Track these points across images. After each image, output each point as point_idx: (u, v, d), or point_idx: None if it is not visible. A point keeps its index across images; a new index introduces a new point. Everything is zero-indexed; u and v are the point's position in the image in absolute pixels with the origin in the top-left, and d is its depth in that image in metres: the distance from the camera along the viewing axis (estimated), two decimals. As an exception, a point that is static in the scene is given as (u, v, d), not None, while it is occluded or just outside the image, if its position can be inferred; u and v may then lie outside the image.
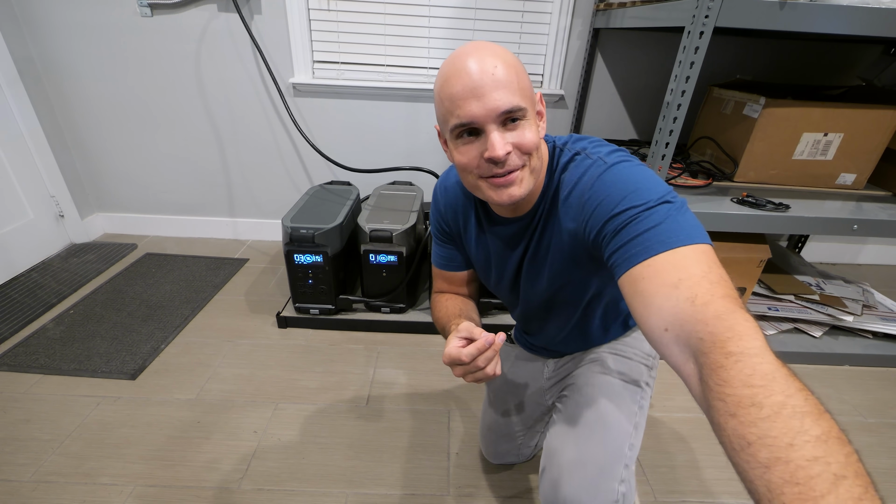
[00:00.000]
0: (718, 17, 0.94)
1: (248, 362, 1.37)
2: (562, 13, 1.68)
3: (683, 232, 0.47)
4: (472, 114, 0.53)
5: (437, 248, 0.84)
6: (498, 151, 0.53)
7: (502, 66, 0.53)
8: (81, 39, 1.70)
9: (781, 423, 0.30)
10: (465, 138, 0.56)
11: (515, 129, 0.55)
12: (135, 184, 2.00)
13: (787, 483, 0.28)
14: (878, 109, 1.27)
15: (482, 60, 0.53)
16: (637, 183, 0.53)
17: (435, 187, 0.81)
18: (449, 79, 0.54)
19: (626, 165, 0.56)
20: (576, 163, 0.61)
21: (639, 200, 0.50)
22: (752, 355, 0.35)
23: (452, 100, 0.54)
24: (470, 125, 0.54)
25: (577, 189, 0.59)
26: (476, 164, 0.57)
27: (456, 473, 1.06)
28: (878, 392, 1.36)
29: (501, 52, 0.54)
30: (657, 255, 0.46)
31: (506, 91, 0.52)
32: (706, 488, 1.05)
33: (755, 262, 1.32)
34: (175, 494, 0.98)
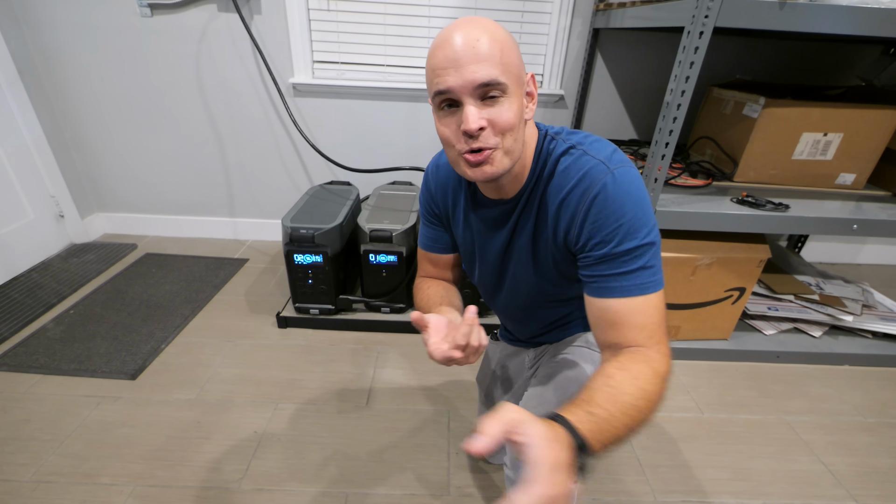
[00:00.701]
0: (718, 17, 0.94)
1: (248, 362, 1.37)
2: (562, 13, 1.68)
3: (656, 277, 0.57)
4: (449, 84, 0.53)
5: (424, 228, 0.83)
6: (470, 125, 0.53)
7: (487, 38, 0.52)
8: (82, 39, 1.70)
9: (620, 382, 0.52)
10: (446, 110, 0.56)
11: (493, 104, 0.54)
12: (135, 184, 2.00)
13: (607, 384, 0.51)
14: (877, 109, 1.27)
15: (467, 33, 0.53)
16: (634, 209, 0.55)
17: (427, 166, 0.80)
18: (434, 49, 0.55)
19: (626, 178, 0.56)
20: (573, 157, 0.60)
21: (631, 239, 0.55)
22: (644, 368, 0.54)
23: (434, 69, 0.54)
24: (447, 95, 0.54)
25: (576, 192, 0.58)
26: (454, 137, 0.56)
27: (456, 473, 1.06)
28: (877, 392, 1.36)
29: (490, 27, 0.54)
30: (633, 298, 0.56)
31: (486, 64, 0.52)
32: (706, 488, 1.05)
33: (755, 261, 1.32)
34: (175, 494, 0.98)
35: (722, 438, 1.19)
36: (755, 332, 1.52)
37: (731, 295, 1.38)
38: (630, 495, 1.03)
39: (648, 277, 0.56)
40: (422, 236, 0.83)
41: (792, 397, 1.33)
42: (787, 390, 1.36)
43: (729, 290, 1.37)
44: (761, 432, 1.21)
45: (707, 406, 1.29)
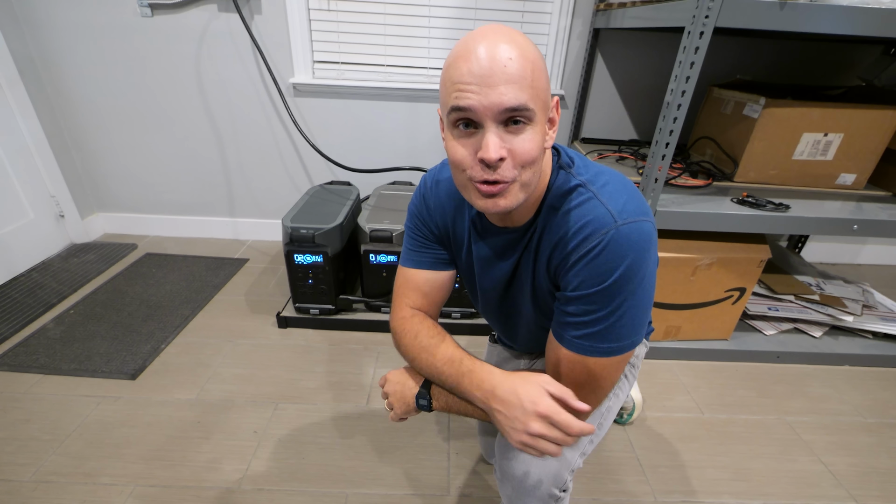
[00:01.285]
0: (718, 17, 0.94)
1: (248, 362, 1.37)
2: (562, 13, 1.68)
3: (623, 336, 0.55)
4: (471, 103, 0.47)
5: (413, 247, 0.73)
6: (490, 153, 0.48)
7: (518, 57, 0.46)
8: (82, 39, 1.70)
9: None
10: (462, 130, 0.50)
11: (517, 132, 0.49)
12: (135, 184, 2.00)
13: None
14: (878, 109, 1.27)
15: (496, 47, 0.46)
16: (626, 268, 0.51)
17: (424, 179, 0.72)
18: (456, 59, 0.48)
19: (629, 237, 0.51)
20: (581, 199, 0.55)
21: (610, 300, 0.53)
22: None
23: (454, 83, 0.48)
24: (467, 115, 0.48)
25: (575, 238, 0.54)
26: (469, 162, 0.51)
27: (456, 473, 1.06)
28: (878, 392, 1.36)
29: (522, 42, 0.48)
30: (591, 358, 0.56)
31: (515, 87, 0.46)
32: (706, 488, 1.05)
33: (755, 262, 1.32)
34: (175, 494, 0.98)
35: (722, 438, 1.19)
36: (755, 332, 1.52)
37: (731, 295, 1.38)
38: (630, 495, 1.03)
39: (616, 337, 0.54)
40: (411, 257, 0.73)
41: (792, 397, 1.33)
42: (787, 390, 1.36)
43: (729, 290, 1.37)
44: (761, 432, 1.21)
45: (707, 406, 1.29)
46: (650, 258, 0.53)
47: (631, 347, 0.56)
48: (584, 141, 1.87)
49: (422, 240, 0.72)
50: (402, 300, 0.73)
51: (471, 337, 1.53)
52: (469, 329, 1.54)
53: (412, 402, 0.68)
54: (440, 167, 0.72)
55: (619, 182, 0.56)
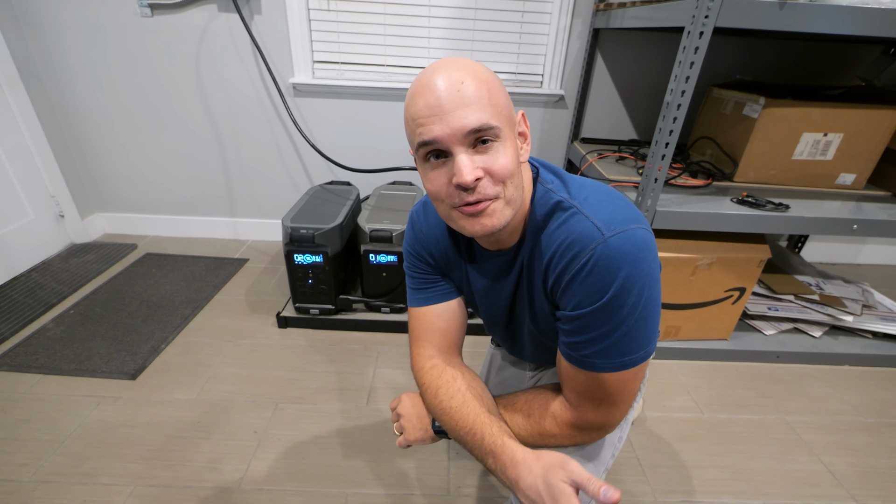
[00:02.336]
0: (718, 17, 0.94)
1: (248, 362, 1.37)
2: (562, 13, 1.68)
3: (634, 349, 0.52)
4: (435, 133, 0.47)
5: (420, 287, 0.70)
6: (465, 177, 0.47)
7: (471, 80, 0.47)
8: (82, 39, 1.70)
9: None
10: (433, 162, 0.50)
11: (487, 151, 0.49)
12: (135, 184, 2.00)
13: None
14: (877, 109, 1.27)
15: (448, 75, 0.47)
16: (623, 281, 0.49)
17: (411, 215, 0.71)
18: (413, 97, 0.49)
19: (619, 247, 0.49)
20: (566, 215, 0.53)
21: (613, 315, 0.50)
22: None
23: (415, 119, 0.49)
24: (433, 146, 0.49)
25: (564, 258, 0.52)
26: (446, 191, 0.50)
27: (456, 473, 1.06)
28: (877, 392, 1.36)
29: (472, 67, 0.49)
30: (604, 374, 0.54)
31: (474, 108, 0.47)
32: (706, 488, 1.05)
33: (755, 262, 1.32)
34: (175, 494, 0.98)
35: (722, 438, 1.19)
36: (755, 332, 1.52)
37: (731, 295, 1.38)
38: (630, 495, 1.03)
39: (620, 352, 0.52)
40: (418, 296, 0.70)
41: (792, 397, 1.33)
42: (787, 390, 1.36)
43: (729, 290, 1.37)
44: (761, 432, 1.21)
45: (707, 406, 1.29)
46: (648, 265, 0.50)
47: (645, 358, 0.54)
48: (583, 141, 1.87)
49: (424, 276, 0.70)
50: (420, 344, 0.70)
51: (471, 337, 1.53)
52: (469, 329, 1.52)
53: (429, 427, 0.67)
54: (424, 200, 0.71)
55: (601, 193, 0.54)
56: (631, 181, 1.35)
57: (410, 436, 0.68)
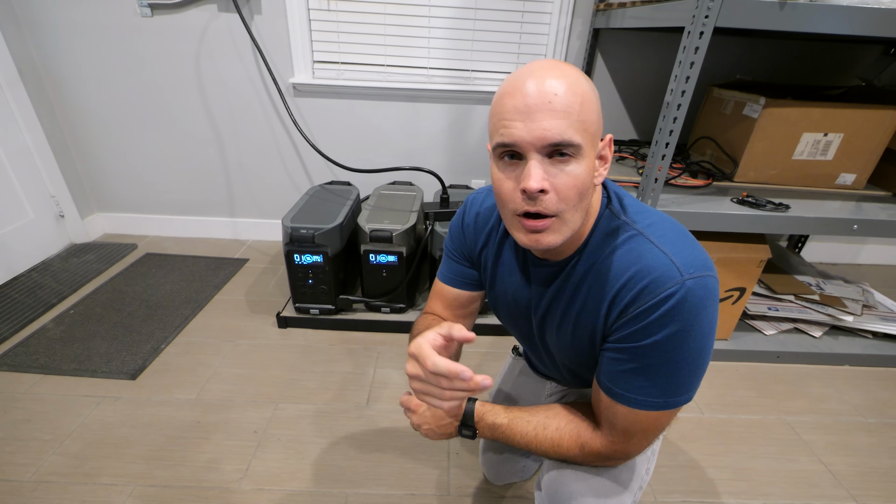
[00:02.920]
0: (718, 17, 0.94)
1: (248, 362, 1.37)
2: (562, 13, 1.68)
3: (679, 391, 0.53)
4: (515, 137, 0.47)
5: (446, 262, 0.76)
6: (531, 183, 0.47)
7: (565, 91, 0.46)
8: (81, 40, 1.70)
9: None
10: (506, 161, 0.50)
11: (562, 165, 0.47)
12: (135, 184, 2.00)
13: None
14: (878, 109, 1.27)
15: (543, 81, 0.46)
16: (689, 326, 0.49)
17: (468, 200, 0.73)
18: (503, 94, 0.48)
19: (695, 291, 0.48)
20: (627, 237, 0.54)
21: (668, 356, 0.51)
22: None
23: (500, 117, 0.48)
24: (511, 148, 0.48)
25: (634, 290, 0.51)
26: (511, 194, 0.50)
27: (456, 473, 1.06)
28: (878, 392, 1.36)
29: (572, 77, 0.47)
30: (639, 410, 0.54)
31: (561, 121, 0.45)
32: (706, 488, 1.05)
33: (755, 262, 1.32)
34: (175, 494, 0.98)
35: (722, 438, 1.19)
36: (755, 332, 1.52)
37: (731, 295, 1.38)
38: (630, 495, 1.02)
39: (649, 396, 0.53)
40: (443, 270, 0.76)
41: (792, 397, 1.33)
42: (787, 390, 1.36)
43: (729, 290, 1.37)
44: (761, 432, 1.21)
45: (707, 406, 1.29)
46: (712, 316, 0.50)
47: (687, 401, 0.53)
48: (584, 141, 1.86)
49: (455, 257, 0.74)
50: (428, 305, 0.79)
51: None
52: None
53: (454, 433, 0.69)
54: (486, 194, 0.72)
55: (677, 230, 0.54)
56: (631, 181, 1.35)
57: (433, 438, 0.70)
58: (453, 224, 0.74)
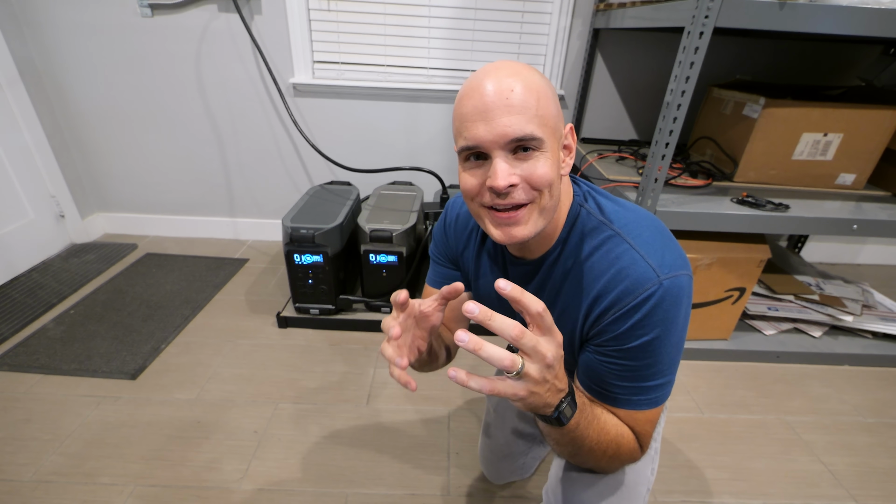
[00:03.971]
0: (718, 17, 0.94)
1: (248, 362, 1.37)
2: (562, 13, 1.68)
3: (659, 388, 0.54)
4: (478, 137, 0.48)
5: (434, 267, 0.77)
6: (499, 181, 0.47)
7: (521, 88, 0.47)
8: (81, 40, 1.70)
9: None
10: (472, 161, 0.51)
11: (527, 159, 0.49)
12: (135, 184, 2.00)
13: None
14: (877, 109, 1.27)
15: (499, 81, 0.47)
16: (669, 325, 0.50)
17: (448, 205, 0.75)
18: (462, 97, 0.50)
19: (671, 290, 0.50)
20: (604, 238, 0.54)
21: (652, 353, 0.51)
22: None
23: (462, 120, 0.49)
24: (475, 149, 0.49)
25: (615, 292, 0.52)
26: (478, 191, 0.51)
27: (456, 473, 1.06)
28: (877, 392, 1.36)
29: (525, 73, 0.48)
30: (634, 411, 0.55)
31: (520, 117, 0.47)
32: (706, 488, 1.05)
33: (755, 262, 1.32)
34: (175, 494, 0.98)
35: (722, 438, 1.19)
36: (755, 332, 1.52)
37: (731, 295, 1.38)
38: (630, 495, 1.02)
39: (644, 395, 0.54)
40: (430, 273, 0.78)
41: (792, 397, 1.33)
42: (787, 390, 1.36)
43: (729, 290, 1.37)
44: (761, 432, 1.21)
45: (707, 406, 1.29)
46: (687, 311, 0.53)
47: (669, 395, 0.56)
48: (584, 141, 1.87)
49: (440, 261, 0.76)
50: None
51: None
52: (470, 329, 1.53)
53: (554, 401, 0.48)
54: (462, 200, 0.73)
55: (652, 229, 0.55)
56: (631, 181, 1.35)
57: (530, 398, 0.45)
58: (436, 229, 0.76)
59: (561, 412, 0.46)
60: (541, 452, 1.01)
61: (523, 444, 0.94)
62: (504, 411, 0.93)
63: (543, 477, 1.06)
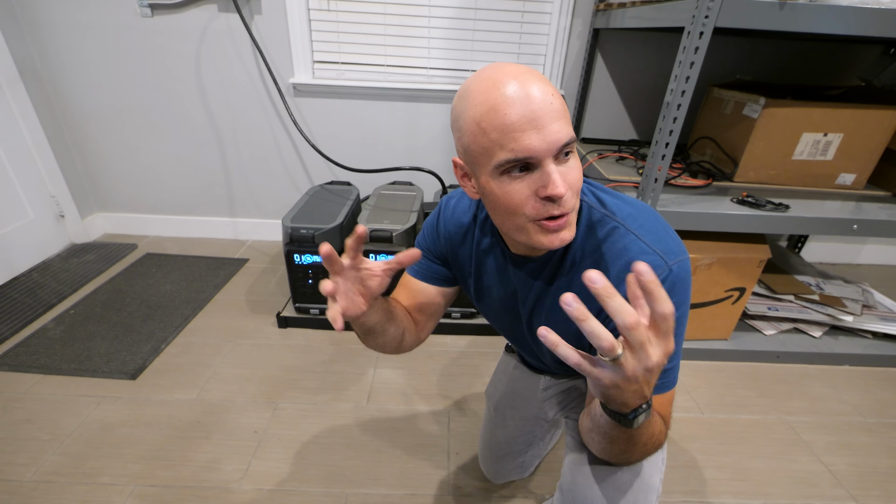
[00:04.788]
0: (718, 17, 0.94)
1: (248, 362, 1.37)
2: (562, 13, 1.68)
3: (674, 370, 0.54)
4: (532, 147, 0.46)
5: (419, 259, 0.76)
6: (560, 189, 0.47)
7: (554, 91, 0.48)
8: (81, 40, 1.70)
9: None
10: (515, 174, 0.49)
11: (566, 163, 0.49)
12: (135, 184, 2.00)
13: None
14: (877, 109, 1.27)
15: (537, 87, 0.46)
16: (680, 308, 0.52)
17: (443, 203, 0.74)
18: (497, 107, 0.46)
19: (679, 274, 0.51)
20: (619, 235, 0.55)
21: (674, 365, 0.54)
22: None
23: (505, 131, 0.46)
24: (526, 160, 0.47)
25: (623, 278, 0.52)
26: (531, 204, 0.49)
27: (456, 473, 1.06)
28: (877, 392, 1.36)
29: (542, 76, 0.49)
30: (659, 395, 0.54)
31: (563, 122, 0.47)
32: (706, 488, 1.05)
33: (755, 262, 1.32)
34: (175, 494, 0.98)
35: (722, 438, 1.19)
36: (755, 332, 1.52)
37: (731, 295, 1.38)
38: (630, 495, 1.02)
39: (661, 378, 0.53)
40: (413, 265, 0.75)
41: (792, 397, 1.33)
42: (787, 390, 1.36)
43: (729, 290, 1.37)
44: (761, 432, 1.21)
45: (707, 406, 1.29)
46: (690, 293, 0.55)
47: (678, 369, 0.57)
48: (584, 141, 1.87)
49: (426, 254, 0.75)
50: (393, 293, 0.76)
51: (472, 337, 1.53)
52: (470, 329, 1.54)
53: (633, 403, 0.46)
54: (459, 197, 0.72)
55: (653, 219, 0.56)
56: (631, 181, 1.35)
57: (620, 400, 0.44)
58: (428, 223, 0.75)
59: (636, 417, 0.45)
60: (540, 451, 1.02)
61: (523, 443, 0.95)
62: (504, 410, 0.93)
63: (543, 476, 1.06)
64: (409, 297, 0.75)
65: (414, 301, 0.75)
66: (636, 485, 0.63)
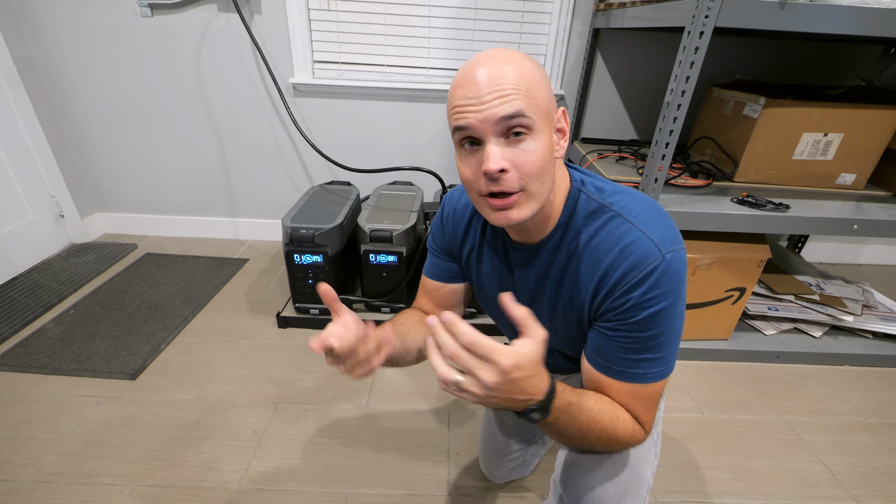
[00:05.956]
0: (718, 17, 0.94)
1: (248, 362, 1.37)
2: (562, 13, 1.68)
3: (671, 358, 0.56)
4: (468, 120, 0.49)
5: (431, 259, 0.78)
6: (490, 165, 0.48)
7: (513, 72, 0.48)
8: (81, 39, 1.70)
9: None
10: (467, 148, 0.52)
11: (518, 143, 0.49)
12: (135, 184, 2.00)
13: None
14: (878, 109, 1.27)
15: (491, 67, 0.48)
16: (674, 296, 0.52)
17: (445, 199, 0.76)
18: (455, 84, 0.51)
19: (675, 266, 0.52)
20: (606, 219, 0.56)
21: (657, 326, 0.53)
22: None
23: (454, 106, 0.51)
24: (467, 133, 0.50)
25: (620, 268, 0.53)
26: (474, 178, 0.52)
27: (456, 473, 1.06)
28: (878, 392, 1.36)
29: (517, 59, 0.50)
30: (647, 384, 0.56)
31: (510, 99, 0.47)
32: (706, 488, 1.05)
33: (755, 262, 1.32)
34: (175, 494, 0.98)
35: (722, 438, 1.19)
36: (755, 332, 1.52)
37: (731, 295, 1.38)
38: (630, 495, 1.02)
39: (650, 368, 0.55)
40: (427, 265, 0.79)
41: (792, 397, 1.33)
42: (787, 390, 1.36)
43: (729, 290, 1.37)
44: (761, 432, 1.21)
45: (707, 406, 1.29)
46: (685, 282, 0.55)
47: (673, 361, 0.57)
48: (584, 141, 1.87)
49: (437, 253, 0.77)
50: (416, 300, 0.82)
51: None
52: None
53: (515, 406, 0.49)
54: (461, 191, 0.74)
55: (650, 208, 0.56)
56: (631, 181, 1.35)
57: (492, 396, 0.45)
58: (434, 222, 0.78)
59: (529, 415, 0.49)
60: (540, 450, 1.02)
61: (522, 442, 0.95)
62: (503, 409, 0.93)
63: (543, 476, 1.06)
64: (430, 299, 0.79)
65: (434, 302, 0.78)
66: (626, 476, 0.63)
